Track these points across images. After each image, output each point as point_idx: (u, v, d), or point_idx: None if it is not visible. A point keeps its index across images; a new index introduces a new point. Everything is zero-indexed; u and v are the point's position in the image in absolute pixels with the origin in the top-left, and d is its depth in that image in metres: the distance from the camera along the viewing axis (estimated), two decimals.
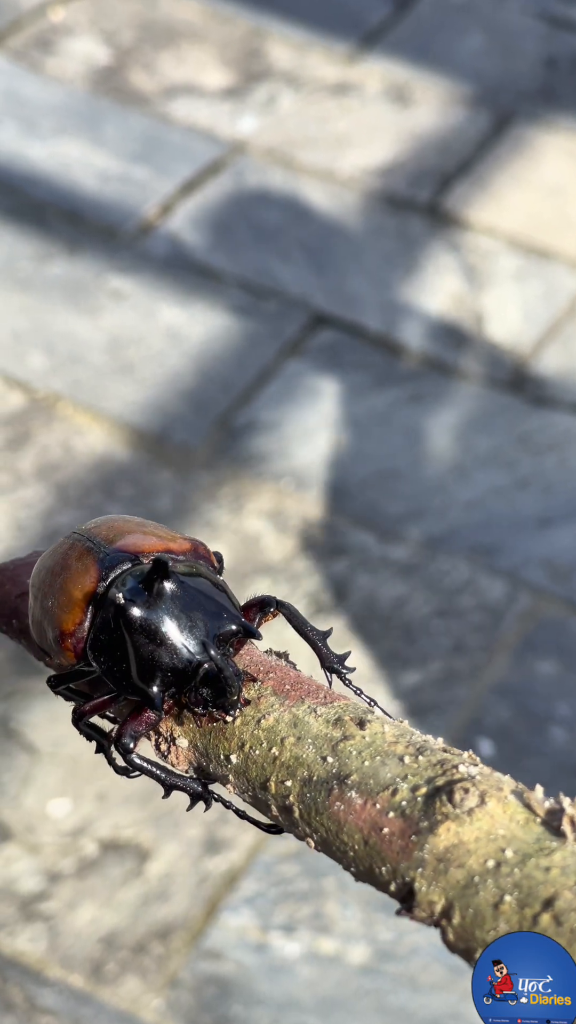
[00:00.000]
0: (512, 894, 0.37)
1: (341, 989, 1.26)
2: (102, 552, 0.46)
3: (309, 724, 0.43)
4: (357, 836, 0.40)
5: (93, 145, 2.11)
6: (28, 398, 1.77)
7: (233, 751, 0.44)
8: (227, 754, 0.44)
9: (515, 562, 1.62)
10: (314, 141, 2.15)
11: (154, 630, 0.43)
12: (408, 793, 0.40)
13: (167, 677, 0.43)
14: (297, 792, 0.42)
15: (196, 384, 1.81)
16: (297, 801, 0.42)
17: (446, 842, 0.38)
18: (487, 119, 2.22)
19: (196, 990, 1.25)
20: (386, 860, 0.39)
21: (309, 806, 0.41)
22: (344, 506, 1.68)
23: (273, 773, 0.43)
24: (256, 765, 0.43)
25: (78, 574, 0.45)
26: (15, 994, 1.24)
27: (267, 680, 0.44)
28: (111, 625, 0.44)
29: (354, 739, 0.42)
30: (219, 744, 0.44)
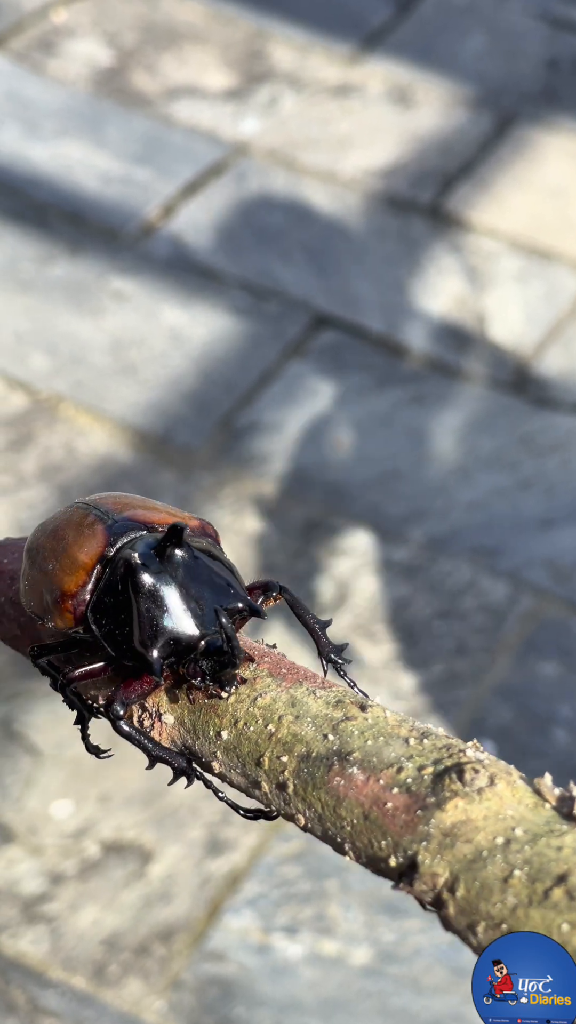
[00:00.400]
0: (522, 869, 0.37)
1: (343, 991, 1.26)
2: (111, 519, 0.45)
3: (308, 704, 0.43)
4: (357, 811, 0.40)
5: (95, 146, 2.11)
6: (30, 399, 1.77)
7: (225, 727, 0.43)
8: (218, 730, 0.44)
9: (517, 563, 1.62)
10: (316, 142, 2.15)
11: (162, 595, 0.43)
12: (414, 772, 0.40)
13: (169, 644, 0.43)
14: (293, 768, 0.41)
15: (198, 385, 1.81)
16: (293, 776, 0.41)
17: (453, 818, 0.38)
18: (489, 120, 2.22)
19: (198, 992, 1.25)
20: (387, 833, 0.39)
21: (306, 781, 0.41)
22: (346, 507, 1.68)
23: (268, 749, 0.42)
24: (249, 741, 0.43)
25: (85, 538, 0.45)
26: (17, 996, 1.24)
27: (262, 663, 0.44)
28: (118, 587, 0.43)
29: (356, 720, 0.42)
30: (209, 721, 0.44)
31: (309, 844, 1.34)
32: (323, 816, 0.41)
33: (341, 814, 0.40)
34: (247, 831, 1.34)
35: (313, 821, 0.41)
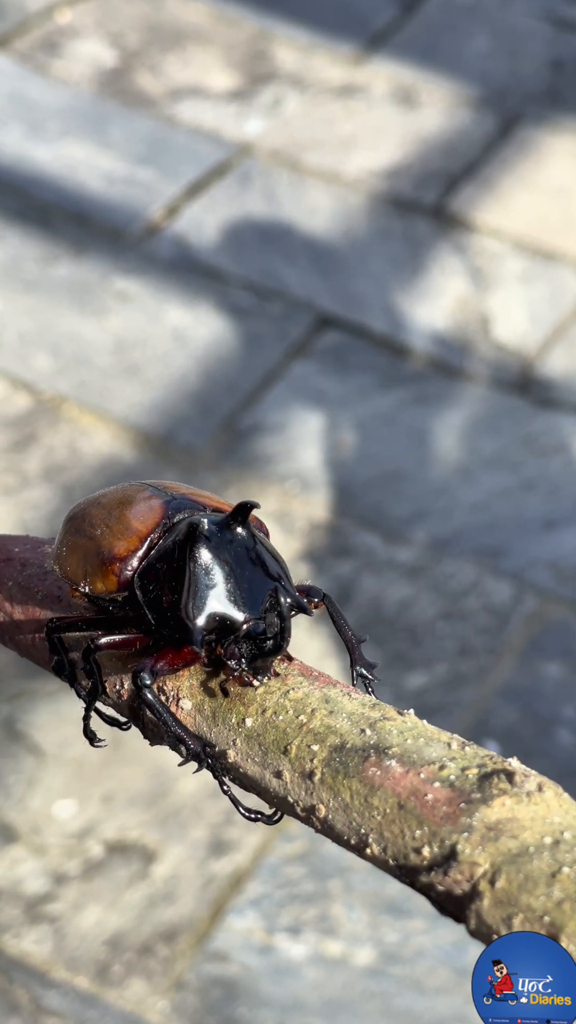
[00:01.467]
0: (572, 867, 0.37)
1: (347, 991, 1.26)
2: (168, 496, 0.46)
3: (343, 703, 0.43)
4: (391, 800, 0.40)
5: (99, 147, 2.11)
6: (34, 399, 1.77)
7: (251, 715, 0.43)
8: (242, 718, 0.43)
9: (521, 564, 1.62)
10: (320, 143, 2.15)
11: (218, 569, 0.43)
12: (457, 771, 0.40)
13: (214, 618, 0.43)
14: (324, 757, 0.41)
15: (201, 385, 1.81)
16: (322, 765, 0.41)
17: (499, 815, 0.39)
18: (493, 121, 2.22)
19: (202, 992, 1.25)
20: (424, 823, 0.39)
21: (337, 770, 0.41)
22: (349, 508, 1.68)
23: (298, 738, 0.42)
24: (277, 730, 0.43)
25: (143, 509, 0.45)
26: (21, 996, 1.24)
27: (292, 664, 0.44)
28: (174, 555, 0.43)
29: (394, 721, 0.42)
30: (233, 708, 0.44)
31: (313, 844, 1.34)
32: (349, 806, 0.41)
33: (373, 803, 0.40)
34: (250, 831, 1.34)
35: (336, 812, 0.41)
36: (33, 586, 0.49)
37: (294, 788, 0.42)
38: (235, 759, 0.43)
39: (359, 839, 0.40)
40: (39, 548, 0.51)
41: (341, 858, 1.32)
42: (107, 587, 0.45)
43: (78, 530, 0.47)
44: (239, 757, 0.43)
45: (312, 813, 0.42)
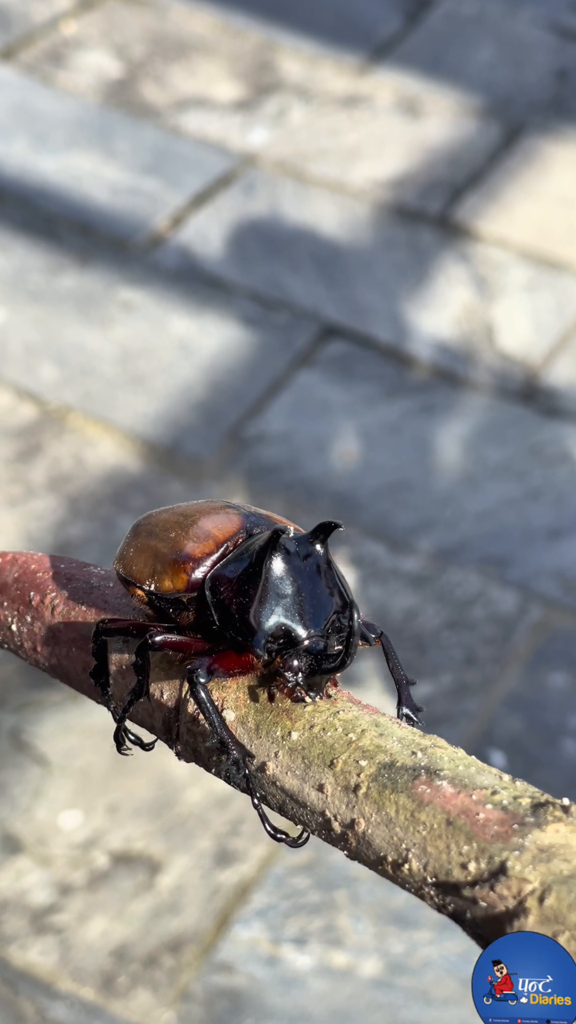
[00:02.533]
0: None
1: (353, 1002, 1.26)
2: (246, 511, 0.48)
3: (393, 728, 0.44)
4: (440, 816, 0.40)
5: (104, 158, 2.11)
6: (39, 410, 1.77)
7: (297, 729, 0.44)
8: (288, 731, 0.44)
9: (527, 574, 1.62)
10: (325, 153, 2.16)
11: (292, 582, 0.44)
12: (510, 798, 0.41)
13: (280, 628, 0.43)
14: (371, 772, 0.42)
15: (207, 395, 1.81)
16: (369, 780, 0.42)
17: (552, 840, 0.39)
18: (497, 131, 2.22)
19: (207, 1003, 1.25)
20: (474, 839, 0.40)
21: (385, 785, 0.42)
22: (355, 517, 1.68)
23: (345, 753, 0.43)
24: (324, 745, 0.43)
25: (221, 518, 0.47)
26: (26, 1007, 1.24)
27: (340, 692, 0.45)
28: (251, 561, 0.44)
29: (445, 749, 0.43)
30: (279, 722, 0.44)
31: (318, 855, 1.34)
32: (393, 820, 0.41)
33: (420, 818, 0.41)
34: (256, 842, 1.34)
35: (377, 826, 0.41)
36: (78, 599, 0.50)
37: (334, 801, 0.42)
38: (274, 771, 0.43)
39: (398, 855, 0.41)
40: (84, 568, 0.52)
41: (347, 868, 1.32)
42: (175, 585, 0.46)
43: (150, 533, 0.48)
44: (278, 769, 0.43)
45: (350, 828, 0.42)
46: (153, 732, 0.47)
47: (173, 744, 0.46)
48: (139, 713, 0.47)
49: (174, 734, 0.46)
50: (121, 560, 0.49)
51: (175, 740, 0.46)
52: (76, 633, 0.49)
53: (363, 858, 0.42)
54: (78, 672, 0.49)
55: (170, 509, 0.49)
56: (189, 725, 0.45)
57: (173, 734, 0.46)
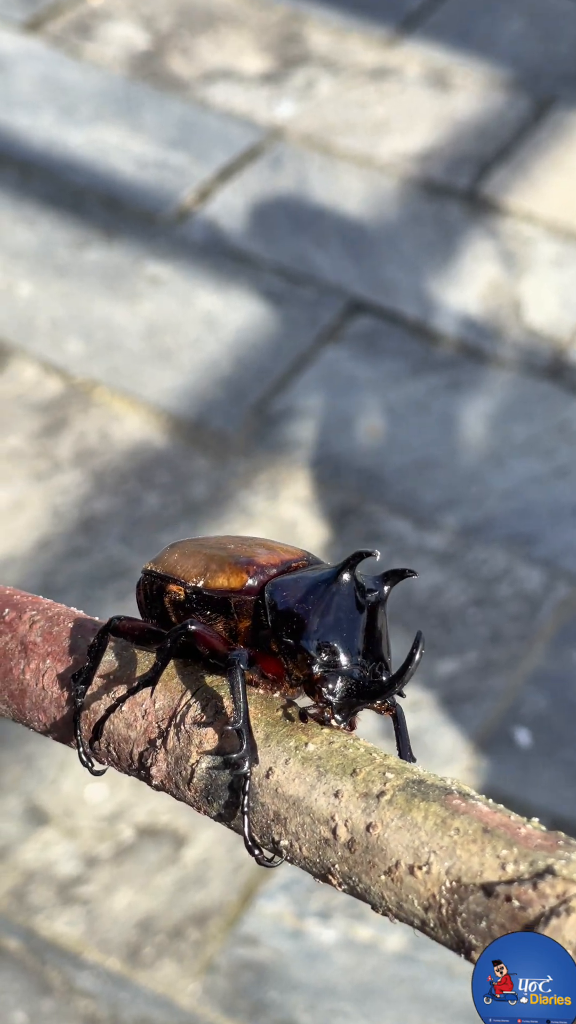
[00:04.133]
0: None
1: (377, 976, 1.26)
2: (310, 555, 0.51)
3: (415, 767, 0.44)
4: (475, 825, 0.40)
5: (131, 131, 2.11)
6: (66, 384, 1.78)
7: (315, 743, 0.44)
8: (304, 743, 0.44)
9: (553, 551, 1.62)
10: (352, 126, 2.14)
11: (355, 608, 0.46)
12: (545, 827, 0.41)
13: (333, 644, 0.45)
14: (399, 784, 0.42)
15: (233, 371, 1.81)
16: (396, 790, 0.42)
17: None
18: (527, 104, 2.20)
19: (232, 975, 1.26)
20: (514, 845, 0.40)
21: (413, 794, 0.42)
22: (380, 494, 1.67)
23: (369, 766, 0.43)
24: (345, 758, 0.43)
25: (286, 545, 0.50)
26: (53, 976, 1.25)
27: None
28: (324, 576, 0.46)
29: (475, 792, 0.43)
30: (293, 735, 0.44)
31: None
32: (419, 825, 0.41)
33: (452, 824, 0.41)
34: None
35: (396, 830, 0.41)
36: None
37: (348, 806, 0.42)
38: (278, 778, 0.43)
39: (416, 859, 0.40)
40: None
41: None
42: (231, 584, 0.48)
43: (201, 545, 0.50)
44: (283, 776, 0.43)
45: (363, 831, 0.41)
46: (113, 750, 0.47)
47: (147, 764, 0.46)
48: (117, 728, 0.47)
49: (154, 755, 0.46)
50: (159, 562, 0.50)
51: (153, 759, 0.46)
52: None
53: (360, 868, 0.41)
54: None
55: (222, 535, 0.51)
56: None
57: (144, 772, 0.46)
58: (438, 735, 1.43)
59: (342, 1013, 1.24)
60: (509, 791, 1.37)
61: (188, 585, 0.49)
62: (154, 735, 0.45)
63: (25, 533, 1.61)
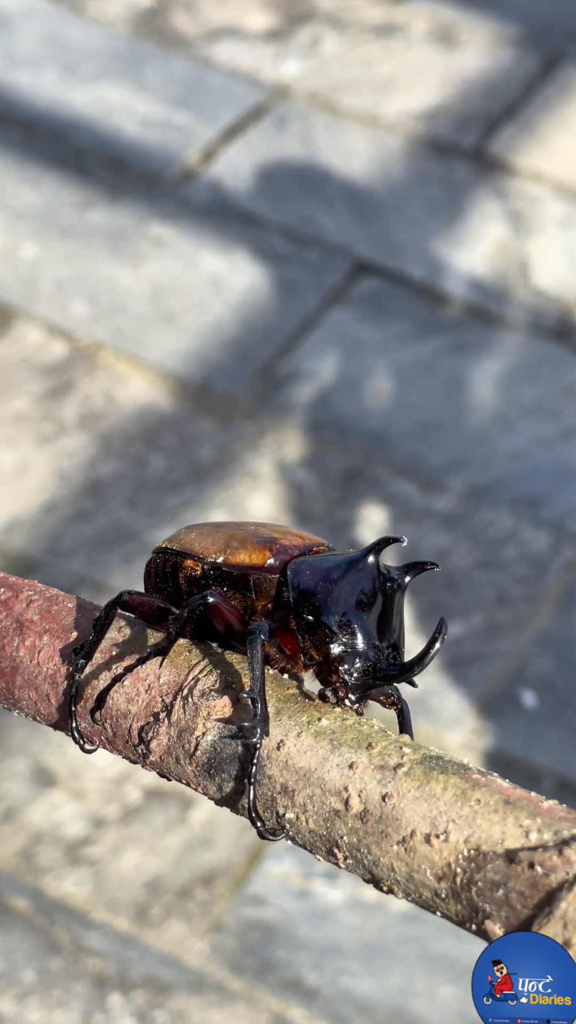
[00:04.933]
0: None
1: (383, 935, 1.27)
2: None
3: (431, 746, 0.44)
4: (496, 797, 0.41)
5: (135, 90, 2.08)
6: (70, 347, 1.77)
7: (327, 718, 0.44)
8: (317, 718, 0.44)
9: (560, 513, 1.61)
10: (358, 85, 2.12)
11: (376, 593, 0.46)
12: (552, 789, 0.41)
13: (353, 624, 0.45)
14: (416, 758, 0.42)
15: (238, 333, 1.80)
16: (413, 763, 0.42)
17: None
18: (535, 61, 2.17)
19: (239, 935, 1.27)
20: (538, 816, 0.40)
21: (432, 767, 0.42)
22: (386, 456, 1.67)
23: (383, 740, 0.43)
24: (360, 734, 0.43)
25: (307, 533, 0.51)
26: (62, 936, 1.26)
27: None
28: (349, 558, 0.47)
29: None
30: (305, 711, 0.44)
31: None
32: (437, 796, 0.41)
33: (473, 796, 0.41)
34: None
35: (412, 801, 0.41)
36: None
37: (362, 778, 0.42)
38: (289, 750, 0.43)
39: (434, 827, 0.40)
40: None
41: None
42: (251, 560, 0.48)
43: (220, 526, 0.51)
44: (295, 748, 0.43)
45: (378, 800, 0.41)
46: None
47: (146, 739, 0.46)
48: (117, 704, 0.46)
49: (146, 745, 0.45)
50: (174, 540, 0.50)
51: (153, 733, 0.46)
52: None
53: (371, 839, 0.41)
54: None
55: (240, 520, 0.52)
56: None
57: (146, 746, 0.46)
58: (444, 697, 1.43)
59: (349, 972, 1.25)
60: (515, 752, 1.37)
61: (207, 561, 0.49)
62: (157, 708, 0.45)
63: (31, 496, 1.61)
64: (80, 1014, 1.22)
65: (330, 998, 1.24)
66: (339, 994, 1.24)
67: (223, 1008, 1.23)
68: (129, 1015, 1.22)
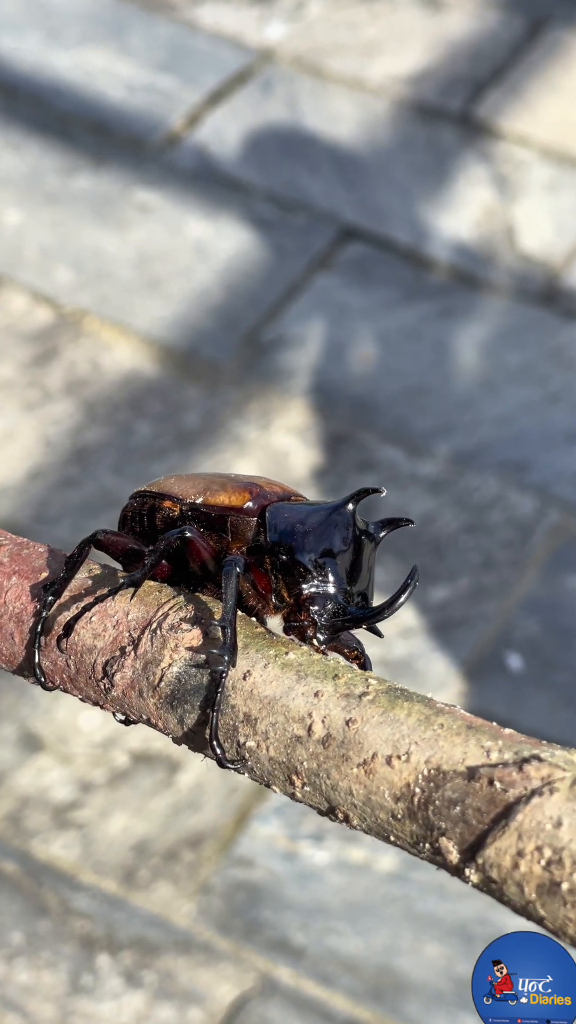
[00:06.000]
0: None
1: (369, 896, 1.28)
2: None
3: None
4: (459, 723, 0.42)
5: (118, 54, 2.07)
6: (55, 313, 1.76)
7: (295, 653, 0.45)
8: (284, 652, 0.45)
9: (545, 477, 1.62)
10: (343, 48, 2.10)
11: (351, 540, 0.47)
12: None
13: (327, 566, 0.46)
14: (382, 689, 0.43)
15: (224, 299, 1.79)
16: (379, 693, 0.43)
17: None
18: (521, 23, 2.16)
19: (227, 896, 1.28)
20: (500, 739, 0.42)
21: (397, 696, 0.43)
22: (373, 422, 1.67)
23: (348, 674, 0.44)
24: (326, 667, 0.44)
25: (285, 486, 0.51)
26: (50, 898, 1.27)
27: None
28: (327, 507, 0.48)
29: None
30: (273, 647, 0.45)
31: None
32: (400, 721, 0.42)
33: (436, 720, 0.42)
34: None
35: (375, 726, 0.42)
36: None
37: (326, 705, 0.43)
38: (255, 680, 0.44)
39: (395, 749, 0.41)
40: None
41: None
42: (231, 501, 0.49)
43: (201, 474, 0.52)
44: (261, 678, 0.44)
45: (341, 725, 0.42)
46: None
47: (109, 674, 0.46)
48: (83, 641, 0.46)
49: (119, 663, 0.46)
50: (152, 484, 0.51)
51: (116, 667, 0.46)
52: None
53: (331, 764, 0.42)
54: None
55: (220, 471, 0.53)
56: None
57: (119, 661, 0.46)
58: (430, 661, 1.44)
59: (335, 931, 1.26)
60: (500, 715, 1.38)
61: (185, 502, 0.49)
62: (124, 643, 0.45)
63: (17, 463, 1.61)
64: (68, 975, 1.23)
65: (316, 957, 1.25)
66: (325, 953, 1.25)
67: (210, 968, 1.24)
68: (117, 975, 1.23)
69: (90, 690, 0.46)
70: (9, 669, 0.48)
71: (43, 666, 0.47)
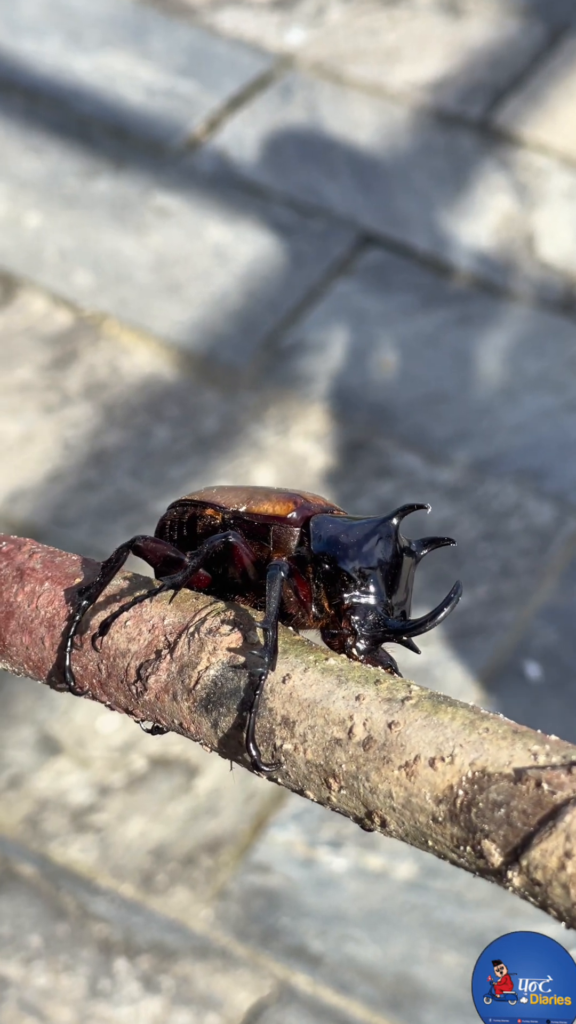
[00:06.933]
0: None
1: (387, 904, 1.28)
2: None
3: None
4: (505, 727, 0.42)
5: (139, 58, 2.07)
6: (75, 317, 1.76)
7: (335, 659, 0.45)
8: (324, 658, 0.45)
9: (564, 486, 1.61)
10: (363, 54, 2.11)
11: (393, 553, 0.48)
12: None
13: (366, 578, 0.47)
14: (424, 694, 0.43)
15: (243, 304, 1.79)
16: (421, 697, 0.43)
17: None
18: (541, 30, 2.16)
19: (244, 902, 1.28)
20: (546, 743, 0.42)
21: (440, 701, 0.43)
22: (391, 428, 1.67)
23: (391, 680, 0.44)
24: (367, 672, 0.45)
25: (327, 501, 0.52)
26: (68, 902, 1.27)
27: None
28: (370, 521, 0.49)
29: None
30: (314, 652, 0.45)
31: None
32: (444, 724, 0.42)
33: (481, 725, 0.42)
34: None
35: (418, 729, 0.42)
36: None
37: (368, 708, 0.43)
38: (295, 684, 0.44)
39: (439, 751, 0.41)
40: None
41: None
42: (275, 511, 0.49)
43: (242, 486, 0.53)
44: (300, 682, 0.44)
45: (383, 728, 0.42)
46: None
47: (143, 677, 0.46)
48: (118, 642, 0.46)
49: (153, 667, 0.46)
50: (196, 494, 0.52)
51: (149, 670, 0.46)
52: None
53: (370, 766, 0.42)
54: None
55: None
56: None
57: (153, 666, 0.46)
58: (448, 669, 1.44)
59: (352, 939, 1.26)
60: (519, 723, 1.38)
61: (228, 510, 0.50)
62: (160, 646, 0.45)
63: (36, 466, 1.61)
64: (86, 978, 1.23)
65: (334, 965, 1.25)
66: (343, 961, 1.25)
67: (228, 974, 1.24)
68: (135, 980, 1.23)
69: (120, 695, 0.46)
70: (36, 677, 0.48)
71: (73, 670, 0.47)
